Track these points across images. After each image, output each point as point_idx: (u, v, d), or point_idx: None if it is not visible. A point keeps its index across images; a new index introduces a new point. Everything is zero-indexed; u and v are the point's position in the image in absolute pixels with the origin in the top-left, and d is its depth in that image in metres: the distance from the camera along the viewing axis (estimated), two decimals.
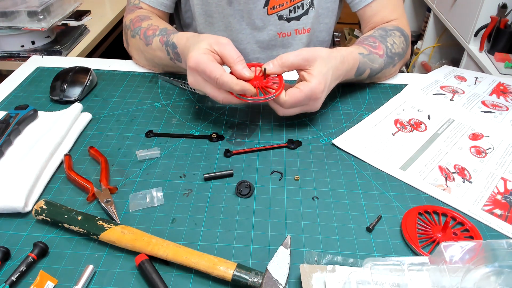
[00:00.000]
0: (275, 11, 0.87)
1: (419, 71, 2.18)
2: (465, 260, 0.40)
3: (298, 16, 0.89)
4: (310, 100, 0.63)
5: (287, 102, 0.62)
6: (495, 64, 1.44)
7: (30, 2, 1.28)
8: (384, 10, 0.85)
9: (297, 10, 0.88)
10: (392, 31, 0.81)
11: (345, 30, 2.95)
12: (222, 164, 0.61)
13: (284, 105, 0.63)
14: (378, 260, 0.42)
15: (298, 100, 0.62)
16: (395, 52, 0.79)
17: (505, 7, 1.47)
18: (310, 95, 0.62)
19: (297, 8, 0.87)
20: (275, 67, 0.62)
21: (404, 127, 0.69)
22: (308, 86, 0.61)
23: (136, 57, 0.85)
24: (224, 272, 0.43)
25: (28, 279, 0.45)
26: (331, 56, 0.65)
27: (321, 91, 0.62)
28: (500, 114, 0.73)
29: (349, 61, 0.70)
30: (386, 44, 0.78)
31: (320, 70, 0.62)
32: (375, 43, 0.77)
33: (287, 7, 0.87)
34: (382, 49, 0.76)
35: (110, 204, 0.52)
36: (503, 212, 0.54)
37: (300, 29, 0.90)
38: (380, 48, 0.76)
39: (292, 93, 0.62)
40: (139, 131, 0.67)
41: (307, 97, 0.62)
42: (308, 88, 0.61)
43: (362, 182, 0.58)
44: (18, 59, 1.27)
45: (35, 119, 0.68)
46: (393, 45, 0.78)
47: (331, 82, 0.66)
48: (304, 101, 0.63)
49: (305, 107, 0.65)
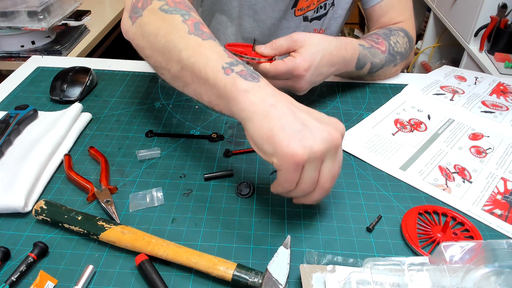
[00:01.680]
0: (302, 13, 0.87)
1: (419, 71, 2.18)
2: (465, 260, 0.40)
3: (319, 16, 0.89)
4: (293, 75, 0.63)
5: (270, 71, 0.63)
6: (495, 64, 1.44)
7: (30, 2, 1.28)
8: (392, 11, 0.85)
9: (320, 10, 0.88)
10: (396, 31, 0.81)
11: (345, 30, 2.95)
12: (222, 164, 0.61)
13: (268, 74, 0.63)
14: (378, 260, 0.42)
15: (280, 72, 0.63)
16: (398, 51, 0.79)
17: (505, 7, 1.47)
18: (292, 70, 0.62)
19: (320, 8, 0.88)
20: (267, 48, 0.64)
21: (404, 127, 0.69)
22: (292, 60, 0.63)
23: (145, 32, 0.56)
24: (224, 272, 0.43)
25: (28, 279, 0.44)
26: (325, 40, 0.66)
27: (304, 68, 0.63)
28: (500, 114, 0.73)
29: (348, 50, 0.69)
30: (389, 42, 0.78)
31: (307, 50, 0.63)
32: (378, 39, 0.77)
33: (313, 8, 0.87)
34: (384, 45, 0.77)
35: (110, 204, 0.52)
36: (503, 212, 0.54)
37: (318, 28, 0.92)
38: (383, 44, 0.77)
39: (275, 63, 0.63)
40: (139, 131, 0.67)
41: (289, 70, 0.62)
42: (292, 62, 0.62)
43: (362, 182, 0.58)
44: (18, 59, 1.27)
45: (35, 119, 0.68)
46: (396, 44, 0.79)
47: (321, 66, 0.66)
48: (286, 75, 0.63)
49: (289, 82, 0.65)
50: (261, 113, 0.44)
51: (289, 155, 0.42)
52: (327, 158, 0.45)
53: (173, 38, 0.52)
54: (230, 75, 0.46)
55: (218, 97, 0.48)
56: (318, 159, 0.43)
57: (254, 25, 0.87)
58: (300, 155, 0.42)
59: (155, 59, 0.55)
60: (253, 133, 0.44)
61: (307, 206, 0.54)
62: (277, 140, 0.42)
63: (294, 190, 0.46)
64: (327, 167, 0.45)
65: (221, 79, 0.46)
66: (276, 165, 0.43)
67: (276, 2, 0.83)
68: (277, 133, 0.43)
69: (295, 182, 0.45)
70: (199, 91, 0.51)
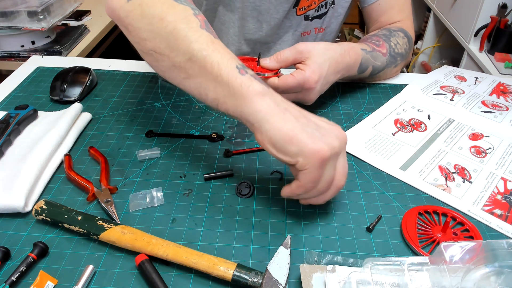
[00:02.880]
0: (303, 12, 0.87)
1: (419, 71, 2.18)
2: (465, 260, 0.40)
3: (320, 15, 0.89)
4: (303, 88, 0.63)
5: (279, 86, 0.62)
6: (495, 64, 1.44)
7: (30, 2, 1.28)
8: (391, 10, 0.85)
9: (321, 9, 0.88)
10: (396, 32, 0.81)
11: (345, 30, 2.95)
12: (222, 164, 0.61)
13: (277, 89, 0.62)
14: (378, 260, 0.42)
15: (290, 86, 0.62)
16: (398, 52, 0.79)
17: (505, 7, 1.47)
18: (302, 83, 0.62)
19: (320, 7, 0.88)
20: (272, 62, 0.63)
21: (404, 127, 0.69)
22: (301, 74, 0.62)
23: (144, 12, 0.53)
24: (224, 272, 0.43)
25: (28, 279, 0.44)
26: (329, 48, 0.65)
27: (314, 81, 0.62)
28: (500, 114, 0.73)
29: (351, 55, 0.69)
30: (389, 44, 0.78)
31: (315, 61, 0.62)
32: (379, 42, 0.77)
33: (314, 7, 0.87)
34: (385, 47, 0.77)
35: (110, 204, 0.52)
36: (503, 212, 0.54)
37: (318, 27, 0.92)
38: (384, 46, 0.77)
39: (284, 78, 0.62)
40: (139, 131, 0.67)
41: (299, 84, 0.62)
42: (301, 76, 0.61)
43: (362, 182, 0.58)
44: (18, 59, 1.27)
45: (35, 119, 0.68)
46: (396, 45, 0.79)
47: (329, 75, 0.65)
48: (296, 88, 0.62)
49: (299, 95, 0.64)
50: (278, 115, 0.45)
51: (316, 152, 0.43)
52: (340, 155, 0.47)
53: (183, 27, 0.49)
54: (245, 75, 0.46)
55: (229, 95, 0.47)
56: (337, 155, 0.45)
57: (257, 25, 0.87)
58: (326, 151, 0.43)
59: (155, 44, 0.52)
60: (272, 135, 0.44)
61: (307, 206, 0.54)
62: (301, 139, 0.43)
63: (311, 191, 0.47)
64: (341, 164, 0.47)
65: (236, 78, 0.46)
66: (302, 164, 0.44)
67: (281, 3, 0.83)
68: (300, 133, 0.43)
69: (318, 181, 0.45)
70: (206, 86, 0.49)
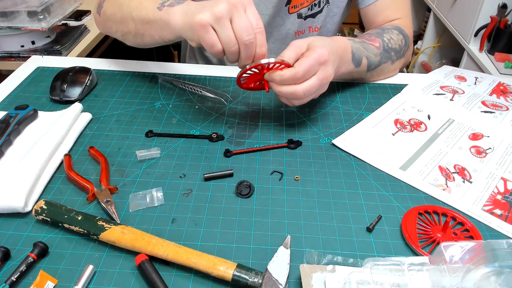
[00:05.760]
0: (296, 10, 0.87)
1: (419, 71, 2.18)
2: (465, 260, 0.40)
3: (314, 14, 0.89)
4: (321, 64, 0.61)
5: (299, 71, 0.59)
6: (495, 64, 1.44)
7: (30, 2, 1.28)
8: (387, 10, 0.86)
9: (314, 7, 0.88)
10: (390, 30, 0.81)
11: (345, 30, 2.95)
12: (222, 164, 0.61)
13: (297, 75, 0.59)
14: (378, 260, 0.42)
15: (310, 65, 0.59)
16: (392, 47, 0.79)
17: (505, 7, 1.47)
18: (318, 58, 0.60)
19: (314, 5, 0.88)
20: None
21: (404, 127, 0.69)
22: (312, 51, 0.60)
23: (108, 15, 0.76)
24: (224, 272, 0.43)
25: (28, 279, 0.44)
26: (321, 37, 0.66)
27: (327, 53, 0.61)
28: (500, 114, 0.73)
29: (338, 43, 0.69)
30: (382, 38, 0.78)
31: (315, 43, 0.62)
32: (371, 37, 0.78)
33: (307, 5, 0.87)
34: (378, 42, 0.77)
35: (110, 204, 0.52)
36: (503, 212, 0.54)
37: (313, 26, 0.92)
38: (376, 41, 0.77)
39: (300, 61, 0.60)
40: (139, 131, 0.67)
41: (316, 60, 0.60)
42: (314, 52, 0.60)
43: (362, 182, 0.58)
44: (18, 59, 1.27)
45: (35, 119, 0.68)
46: (390, 40, 0.79)
47: (332, 53, 0.64)
48: (315, 66, 0.60)
49: (320, 74, 0.62)
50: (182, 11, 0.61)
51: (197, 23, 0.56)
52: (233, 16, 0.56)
53: (124, 8, 0.71)
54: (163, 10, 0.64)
55: (161, 28, 0.65)
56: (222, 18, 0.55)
57: None
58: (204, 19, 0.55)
59: (121, 30, 0.74)
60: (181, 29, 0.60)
61: (307, 206, 0.54)
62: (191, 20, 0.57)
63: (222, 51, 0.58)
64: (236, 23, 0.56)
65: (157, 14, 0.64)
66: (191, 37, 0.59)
67: None
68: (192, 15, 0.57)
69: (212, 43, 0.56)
70: (151, 34, 0.68)
